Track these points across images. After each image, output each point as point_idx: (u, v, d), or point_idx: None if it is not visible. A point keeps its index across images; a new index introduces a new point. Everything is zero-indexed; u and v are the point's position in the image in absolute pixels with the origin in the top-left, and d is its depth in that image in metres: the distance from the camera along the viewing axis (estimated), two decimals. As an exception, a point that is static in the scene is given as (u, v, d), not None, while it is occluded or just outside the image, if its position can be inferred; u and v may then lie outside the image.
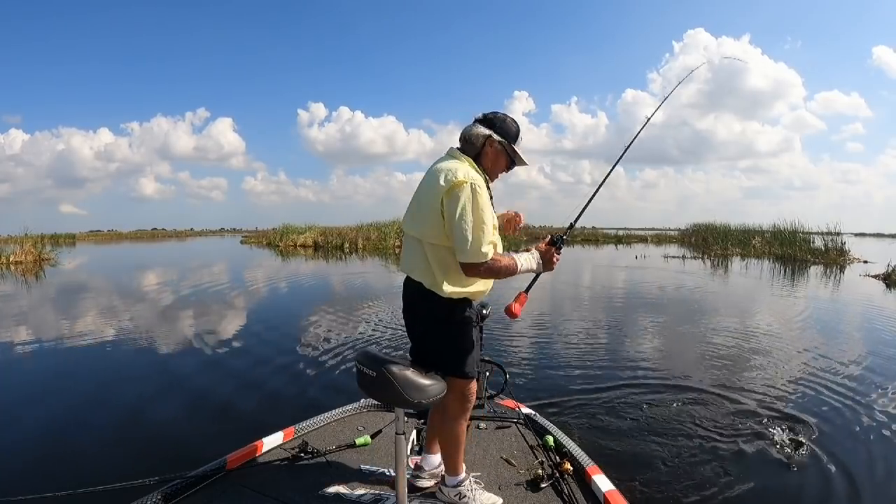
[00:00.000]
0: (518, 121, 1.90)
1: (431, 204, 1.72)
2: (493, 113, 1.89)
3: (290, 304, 9.00)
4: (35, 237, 20.78)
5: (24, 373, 4.84)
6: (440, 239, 1.73)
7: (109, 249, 33.08)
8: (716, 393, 4.01)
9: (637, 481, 2.60)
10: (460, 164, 1.77)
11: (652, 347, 5.65)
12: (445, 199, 1.68)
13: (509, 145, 1.86)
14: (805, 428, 3.32)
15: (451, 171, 1.71)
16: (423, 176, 1.87)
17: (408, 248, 1.90)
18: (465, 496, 1.94)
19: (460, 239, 1.66)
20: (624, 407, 3.69)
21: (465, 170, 1.73)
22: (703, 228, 28.31)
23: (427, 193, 1.76)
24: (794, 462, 2.86)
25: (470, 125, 1.87)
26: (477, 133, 1.83)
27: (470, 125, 1.87)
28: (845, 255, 18.41)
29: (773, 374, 4.49)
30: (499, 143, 1.84)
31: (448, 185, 1.68)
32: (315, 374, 4.54)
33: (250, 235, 41.48)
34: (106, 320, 7.25)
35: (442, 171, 1.73)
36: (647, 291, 10.45)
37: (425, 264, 1.78)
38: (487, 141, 1.83)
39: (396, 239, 26.12)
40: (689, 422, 3.42)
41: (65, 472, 2.72)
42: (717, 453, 2.96)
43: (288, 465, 2.25)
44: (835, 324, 7.28)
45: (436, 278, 1.76)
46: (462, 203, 1.66)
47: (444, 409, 1.91)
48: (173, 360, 5.06)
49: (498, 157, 1.87)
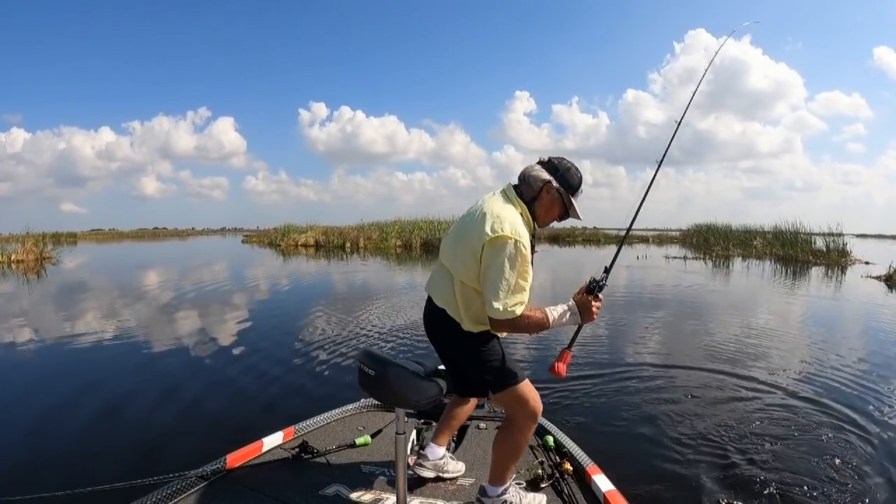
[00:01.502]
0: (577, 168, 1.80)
1: (472, 246, 1.67)
2: (559, 158, 1.80)
3: (291, 303, 9.00)
4: (36, 236, 20.83)
5: (24, 372, 4.84)
6: (472, 280, 1.70)
7: (111, 248, 33.12)
8: (717, 393, 4.00)
9: (637, 481, 2.60)
10: (512, 211, 1.71)
11: (653, 347, 5.64)
12: (487, 247, 1.63)
13: (567, 195, 1.78)
14: (806, 427, 3.32)
15: (499, 221, 1.64)
16: (472, 208, 1.81)
17: (439, 274, 1.86)
18: (509, 503, 1.90)
19: (492, 293, 1.62)
20: (624, 406, 3.69)
21: (513, 221, 1.66)
22: (705, 229, 28.28)
23: (469, 233, 1.71)
24: (794, 462, 2.85)
25: (532, 165, 1.81)
26: (537, 176, 1.76)
27: (532, 165, 1.81)
28: (847, 257, 18.38)
29: (775, 374, 4.48)
30: (556, 191, 1.76)
31: (493, 234, 1.62)
32: (315, 373, 4.54)
33: (251, 235, 41.56)
34: (106, 319, 7.26)
35: (491, 215, 1.67)
36: (649, 290, 10.44)
37: (452, 298, 1.76)
38: (546, 186, 1.75)
39: (397, 238, 26.16)
40: (689, 421, 3.41)
41: (65, 471, 2.72)
42: (717, 453, 2.95)
43: (288, 465, 2.25)
44: (838, 324, 7.27)
45: (460, 314, 1.75)
46: (501, 258, 1.61)
47: (510, 422, 1.86)
48: (174, 360, 5.06)
49: (553, 205, 1.79)
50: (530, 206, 1.77)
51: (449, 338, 1.82)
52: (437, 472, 2.12)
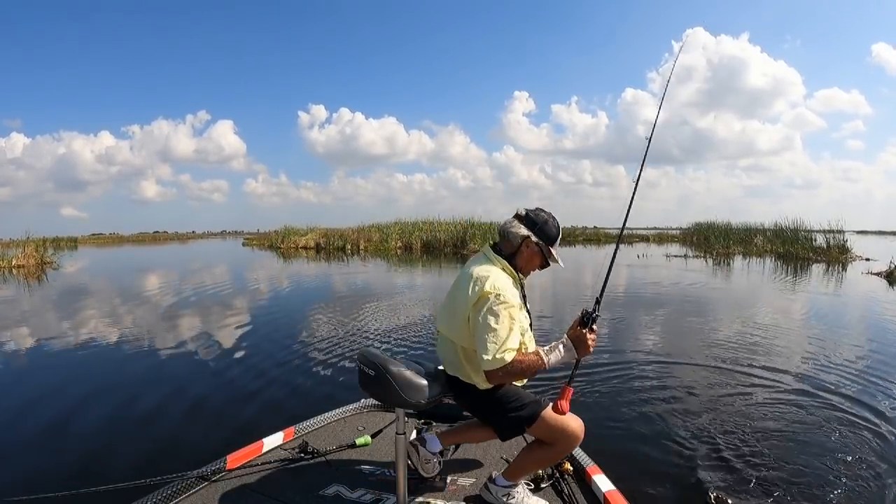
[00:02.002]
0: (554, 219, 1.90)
1: (462, 312, 1.78)
2: (536, 212, 1.89)
3: (291, 305, 9.00)
4: (37, 241, 20.89)
5: (26, 376, 4.85)
6: (470, 343, 1.79)
7: (111, 252, 33.16)
8: (718, 391, 4.00)
9: (637, 481, 2.60)
10: (491, 268, 1.80)
11: (653, 345, 5.63)
12: (471, 310, 1.74)
13: (546, 247, 1.87)
14: (809, 425, 3.32)
15: (480, 281, 1.75)
16: (459, 275, 1.92)
17: (444, 345, 1.95)
18: (513, 497, 1.94)
19: (481, 347, 1.69)
20: (625, 406, 3.68)
21: (494, 278, 1.75)
22: (705, 227, 28.29)
23: (458, 299, 1.82)
24: (797, 461, 2.85)
25: (510, 220, 1.88)
26: (516, 232, 1.85)
27: (510, 220, 1.88)
28: (847, 253, 18.36)
29: (777, 372, 4.47)
30: (535, 245, 1.85)
31: (475, 296, 1.72)
32: (316, 374, 4.54)
33: (252, 237, 41.55)
34: (107, 323, 7.27)
35: (472, 279, 1.77)
36: (649, 288, 10.42)
37: (460, 365, 1.85)
38: (525, 241, 1.84)
39: (398, 240, 26.18)
40: (690, 420, 3.41)
41: (66, 472, 2.72)
42: (718, 452, 2.94)
43: (288, 465, 2.25)
44: (840, 321, 7.25)
45: (472, 377, 1.85)
46: (484, 314, 1.69)
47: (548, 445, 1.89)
48: (174, 362, 5.07)
49: (533, 256, 1.88)
50: (511, 259, 1.87)
51: (470, 398, 1.91)
52: (424, 462, 2.10)
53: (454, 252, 23.06)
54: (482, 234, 24.92)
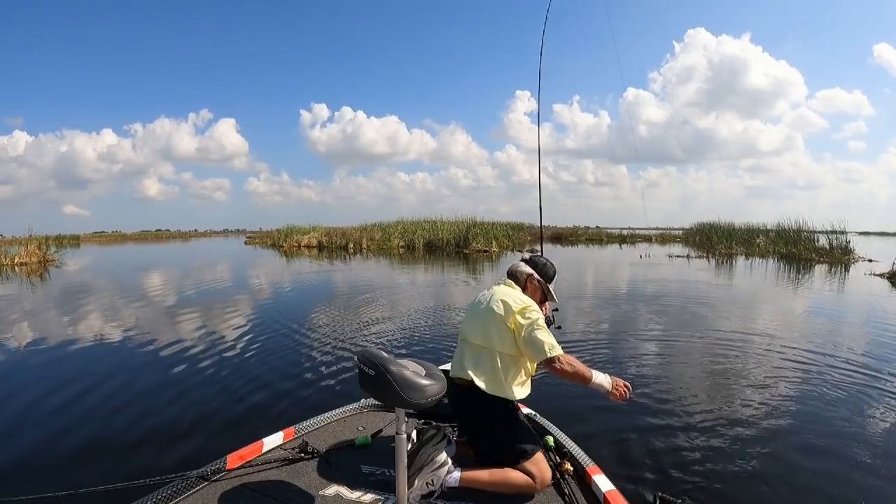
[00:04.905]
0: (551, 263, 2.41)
1: (503, 321, 2.10)
2: (537, 256, 2.43)
3: (292, 304, 9.01)
4: (39, 238, 20.95)
5: (26, 373, 4.86)
6: (510, 348, 2.09)
7: (113, 250, 33.25)
8: (719, 390, 3.99)
9: (637, 481, 2.59)
10: (517, 292, 2.23)
11: (654, 343, 5.62)
12: (519, 317, 2.07)
13: (545, 284, 2.35)
14: (811, 425, 3.31)
15: (517, 297, 2.16)
16: (482, 296, 2.26)
17: (473, 356, 2.15)
18: None
19: (538, 345, 2.03)
20: (625, 405, 3.67)
21: (524, 297, 2.19)
22: (708, 228, 28.22)
23: (494, 314, 2.12)
24: (795, 461, 2.84)
25: (518, 263, 2.39)
26: (522, 271, 2.34)
27: (518, 263, 2.39)
28: (850, 254, 18.33)
29: (780, 372, 4.46)
30: (538, 282, 2.33)
31: (519, 305, 2.11)
32: (316, 373, 4.54)
33: (254, 236, 41.59)
34: (108, 321, 7.29)
35: (509, 297, 2.15)
36: (652, 287, 10.40)
37: (495, 372, 2.08)
38: (529, 278, 2.33)
39: (400, 239, 26.19)
40: (691, 420, 3.40)
41: (65, 472, 2.73)
42: (717, 452, 2.94)
43: (288, 465, 2.25)
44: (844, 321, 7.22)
45: (503, 383, 2.07)
46: (533, 319, 2.07)
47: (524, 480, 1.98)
48: (174, 360, 5.07)
49: (535, 291, 2.33)
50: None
51: (483, 413, 2.10)
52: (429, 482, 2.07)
53: (456, 251, 23.06)
54: (484, 234, 24.92)
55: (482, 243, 23.94)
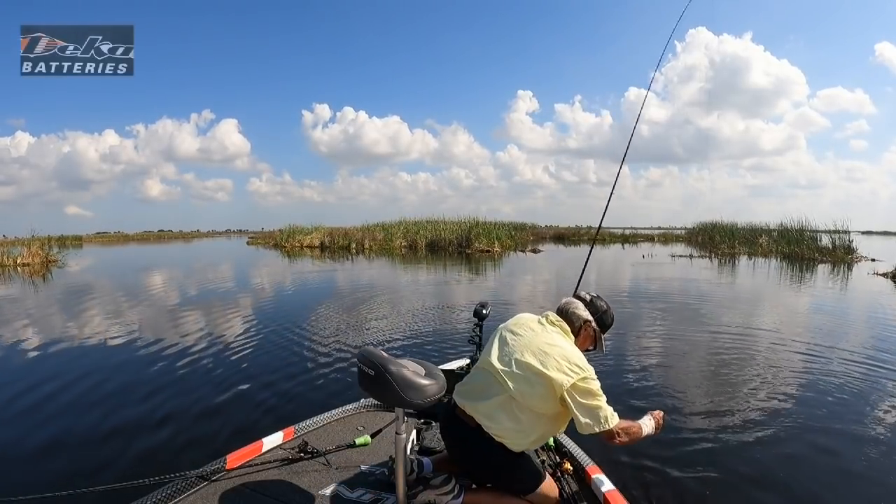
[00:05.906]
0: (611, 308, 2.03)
1: (546, 383, 1.75)
2: (599, 299, 2.02)
3: (294, 304, 9.02)
4: (42, 239, 21.02)
5: (27, 373, 4.87)
6: (546, 409, 1.80)
7: (116, 251, 33.34)
8: (719, 390, 3.98)
9: (637, 481, 2.59)
10: (573, 347, 1.87)
11: (654, 342, 5.61)
12: (574, 391, 1.75)
13: (599, 333, 1.99)
14: (813, 426, 3.29)
15: (570, 353, 1.80)
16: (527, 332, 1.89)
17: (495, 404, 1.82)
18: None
19: (594, 415, 1.75)
20: (625, 405, 3.66)
21: (578, 356, 1.81)
22: (710, 227, 28.17)
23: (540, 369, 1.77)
24: (796, 461, 2.83)
25: (574, 302, 1.99)
26: (579, 315, 1.95)
27: (574, 302, 1.99)
28: (853, 254, 18.28)
29: (782, 373, 4.45)
30: (593, 330, 1.97)
31: (577, 375, 1.75)
32: (316, 373, 4.55)
33: (256, 236, 41.63)
34: (110, 321, 7.31)
35: (563, 358, 1.78)
36: (654, 286, 10.38)
37: (515, 423, 1.80)
38: (585, 325, 1.95)
39: (402, 239, 26.19)
40: (690, 421, 3.39)
41: (65, 471, 2.73)
42: (719, 452, 2.93)
43: (288, 465, 2.25)
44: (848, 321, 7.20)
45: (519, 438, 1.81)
46: (590, 391, 1.76)
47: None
48: (175, 360, 5.08)
49: (587, 339, 1.98)
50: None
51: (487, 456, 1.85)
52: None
53: (459, 251, 23.05)
54: (486, 234, 24.90)
55: (484, 243, 23.92)
